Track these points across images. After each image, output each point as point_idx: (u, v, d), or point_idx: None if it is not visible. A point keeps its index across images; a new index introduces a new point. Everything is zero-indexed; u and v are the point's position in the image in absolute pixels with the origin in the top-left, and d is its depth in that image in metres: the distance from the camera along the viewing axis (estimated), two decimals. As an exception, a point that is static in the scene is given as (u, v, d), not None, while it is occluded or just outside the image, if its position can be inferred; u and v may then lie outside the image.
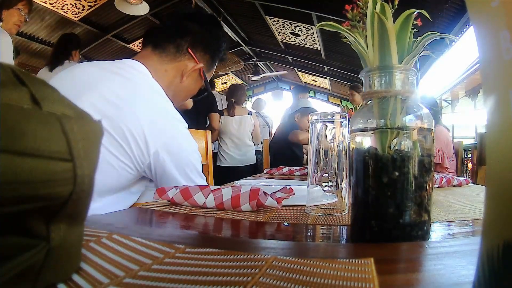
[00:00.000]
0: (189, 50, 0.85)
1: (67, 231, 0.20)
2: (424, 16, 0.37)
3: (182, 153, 0.78)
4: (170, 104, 0.80)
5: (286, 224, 0.45)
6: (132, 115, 0.71)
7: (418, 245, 0.32)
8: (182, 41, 0.84)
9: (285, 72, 6.71)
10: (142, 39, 0.92)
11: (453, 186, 0.91)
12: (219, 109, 3.00)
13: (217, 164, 2.92)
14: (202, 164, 1.48)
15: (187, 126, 0.81)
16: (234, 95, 3.07)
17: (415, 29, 0.36)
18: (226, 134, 2.93)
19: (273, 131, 4.35)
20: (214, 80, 4.78)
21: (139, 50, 0.93)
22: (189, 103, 2.67)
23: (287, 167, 1.31)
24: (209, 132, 1.52)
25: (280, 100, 7.77)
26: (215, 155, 2.90)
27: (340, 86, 6.63)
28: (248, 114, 3.04)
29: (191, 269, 0.24)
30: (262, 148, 3.04)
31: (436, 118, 2.46)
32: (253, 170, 2.87)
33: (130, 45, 4.67)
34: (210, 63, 0.90)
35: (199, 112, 2.64)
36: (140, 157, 0.71)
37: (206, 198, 0.54)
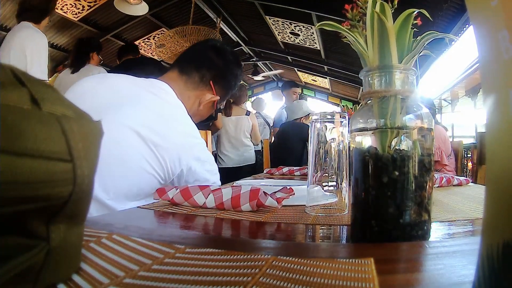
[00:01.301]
0: (211, 83, 0.94)
1: (67, 232, 0.20)
2: (424, 16, 0.36)
3: (207, 158, 0.87)
4: (194, 125, 0.88)
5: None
6: (169, 133, 0.78)
7: (418, 245, 0.32)
8: (207, 72, 0.93)
9: (281, 70, 6.72)
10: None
11: (453, 185, 0.91)
12: (221, 111, 3.00)
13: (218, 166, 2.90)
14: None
15: (195, 126, 0.89)
16: (233, 95, 3.06)
17: (415, 29, 0.36)
18: (223, 135, 2.92)
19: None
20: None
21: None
22: (220, 123, 2.75)
23: (287, 167, 1.30)
24: (209, 133, 1.52)
25: (280, 100, 7.76)
26: (214, 156, 2.90)
27: (340, 86, 6.63)
28: (246, 114, 3.03)
29: (191, 269, 0.24)
30: (262, 148, 3.03)
31: (433, 117, 2.46)
32: (252, 170, 2.86)
33: (130, 45, 4.66)
34: (223, 97, 1.00)
35: None
36: (172, 168, 0.78)
37: (206, 198, 0.54)
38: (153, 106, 0.79)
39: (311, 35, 4.56)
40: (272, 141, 3.08)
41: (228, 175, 2.67)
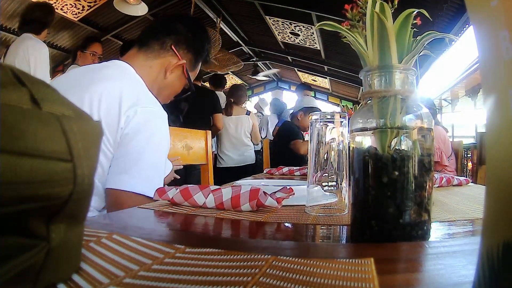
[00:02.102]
0: (173, 47, 0.89)
1: (67, 231, 0.20)
2: (424, 16, 0.36)
3: (156, 133, 0.79)
4: (149, 92, 0.83)
5: (287, 224, 0.45)
6: (109, 86, 0.75)
7: (418, 245, 0.32)
8: (166, 38, 0.89)
9: (278, 70, 6.75)
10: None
11: (453, 185, 0.91)
12: (222, 111, 3.00)
13: (217, 166, 2.92)
14: (202, 164, 1.48)
15: (165, 114, 0.83)
16: (234, 95, 3.07)
17: (414, 29, 0.36)
18: (223, 135, 2.93)
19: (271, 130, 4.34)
20: (225, 76, 4.77)
21: None
22: (220, 124, 2.72)
23: (287, 167, 1.30)
24: (209, 132, 1.52)
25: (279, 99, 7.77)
26: (214, 156, 2.90)
27: (340, 85, 6.63)
28: (246, 113, 3.04)
29: (191, 269, 0.24)
30: (262, 148, 3.04)
31: (433, 118, 2.46)
32: (252, 170, 2.86)
33: (130, 45, 4.66)
34: (193, 63, 0.95)
35: (203, 113, 2.64)
36: (112, 119, 0.74)
37: (206, 198, 0.54)
38: (95, 79, 0.78)
39: (311, 35, 4.56)
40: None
41: (228, 175, 2.67)
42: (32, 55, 1.92)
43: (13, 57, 1.91)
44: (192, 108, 2.42)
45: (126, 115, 0.74)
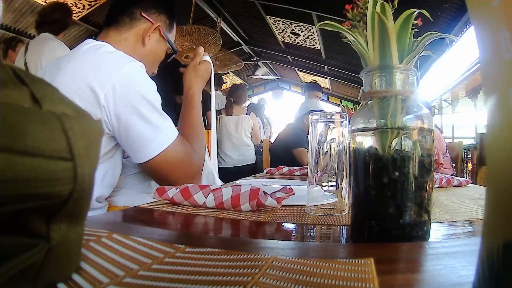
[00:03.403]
0: (142, 14, 0.88)
1: (67, 230, 0.20)
2: (425, 16, 0.36)
3: (133, 88, 0.75)
4: (118, 51, 0.79)
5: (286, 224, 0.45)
6: (71, 71, 0.73)
7: (418, 245, 0.32)
8: (133, 8, 0.88)
9: (266, 69, 6.77)
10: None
11: (453, 186, 0.91)
12: (218, 109, 3.00)
13: (218, 166, 2.90)
14: (202, 164, 1.48)
15: (139, 65, 0.79)
16: (234, 94, 3.06)
17: (415, 29, 0.36)
18: (224, 135, 2.92)
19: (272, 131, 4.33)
20: (223, 76, 4.76)
21: None
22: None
23: (287, 167, 1.30)
24: (210, 132, 1.52)
25: (279, 99, 7.78)
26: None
27: (340, 86, 6.62)
28: (247, 113, 3.03)
29: (191, 268, 0.24)
30: (262, 148, 3.03)
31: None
32: (253, 170, 2.86)
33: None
34: (168, 24, 0.94)
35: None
36: (93, 103, 0.72)
37: (206, 198, 0.54)
38: (73, 65, 0.76)
39: (312, 35, 4.56)
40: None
41: (229, 175, 2.67)
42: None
43: (38, 56, 1.92)
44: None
45: (104, 92, 0.72)
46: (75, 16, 3.79)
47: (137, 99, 0.75)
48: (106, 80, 0.72)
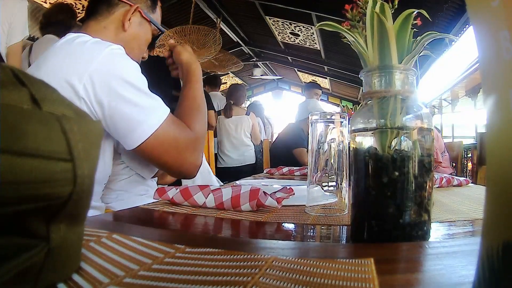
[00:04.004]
0: None
1: (67, 231, 0.20)
2: (424, 16, 0.36)
3: (112, 72, 0.72)
4: (94, 38, 0.76)
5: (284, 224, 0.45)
6: (49, 68, 0.70)
7: (418, 245, 0.32)
8: None
9: (272, 77, 6.77)
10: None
11: (453, 186, 0.91)
12: (218, 109, 3.00)
13: (217, 166, 2.92)
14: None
15: (121, 49, 0.76)
16: (233, 96, 3.06)
17: (414, 29, 0.36)
18: (224, 135, 2.93)
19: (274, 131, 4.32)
20: (221, 77, 4.76)
21: None
22: (213, 120, 2.63)
23: (287, 167, 1.30)
24: (211, 133, 1.52)
25: (279, 99, 7.78)
26: (215, 156, 2.90)
27: (340, 86, 6.63)
28: (246, 113, 3.04)
29: (191, 269, 0.24)
30: (262, 148, 3.03)
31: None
32: (252, 170, 2.86)
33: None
34: (150, 4, 0.89)
35: None
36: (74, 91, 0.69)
37: (206, 198, 0.54)
38: (53, 58, 0.74)
39: (311, 35, 4.56)
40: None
41: (228, 175, 2.67)
42: None
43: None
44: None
45: (82, 83, 0.69)
46: (74, 17, 3.79)
47: (118, 82, 0.71)
48: (83, 71, 0.69)
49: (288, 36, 4.80)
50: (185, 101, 0.87)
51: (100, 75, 0.70)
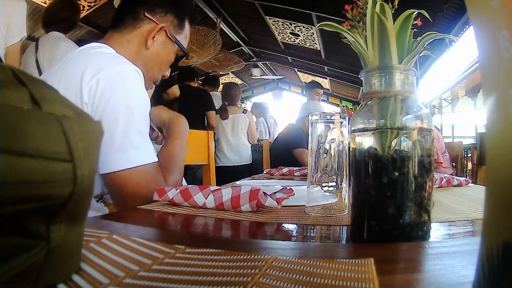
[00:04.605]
0: (146, 14, 0.81)
1: (67, 232, 0.20)
2: (424, 16, 0.37)
3: (128, 94, 0.70)
4: (117, 54, 0.75)
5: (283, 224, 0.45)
6: (72, 67, 0.69)
7: (418, 245, 0.32)
8: (137, 8, 0.82)
9: (272, 77, 6.78)
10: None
11: (453, 186, 0.91)
12: (215, 109, 3.00)
13: (215, 165, 2.92)
14: (204, 164, 1.48)
15: (135, 70, 0.74)
16: (227, 96, 3.07)
17: (415, 29, 0.36)
18: (220, 134, 2.94)
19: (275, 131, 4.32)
20: (221, 77, 4.76)
21: None
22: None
23: (287, 167, 1.30)
24: (211, 133, 1.52)
25: (279, 100, 7.78)
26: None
27: (340, 86, 6.63)
28: (243, 112, 3.04)
29: (191, 269, 0.24)
30: (258, 148, 3.03)
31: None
32: (249, 169, 2.86)
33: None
34: (177, 24, 0.86)
35: (196, 112, 2.64)
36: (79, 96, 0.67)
37: (206, 199, 0.54)
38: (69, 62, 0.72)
39: (311, 36, 4.56)
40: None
41: (225, 174, 2.68)
42: None
43: (51, 57, 1.91)
44: (183, 108, 2.42)
45: (88, 86, 0.66)
46: (74, 17, 3.80)
47: (122, 106, 0.68)
48: (93, 74, 0.67)
49: (288, 36, 4.80)
50: (164, 154, 0.83)
51: (106, 86, 0.67)
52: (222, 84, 4.02)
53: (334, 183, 0.52)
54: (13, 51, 1.72)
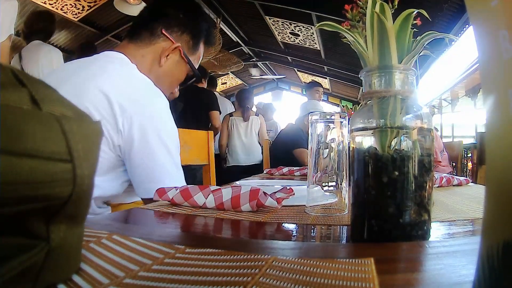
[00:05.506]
0: (163, 31, 0.83)
1: (67, 232, 0.20)
2: (424, 16, 0.36)
3: (162, 125, 0.75)
4: (147, 79, 0.78)
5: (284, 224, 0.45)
6: (95, 89, 0.70)
7: (418, 245, 0.32)
8: (155, 24, 0.83)
9: (272, 77, 6.79)
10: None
11: (453, 185, 0.91)
12: (219, 109, 3.02)
13: (226, 165, 3.05)
14: (204, 165, 1.48)
15: (167, 102, 0.79)
16: (248, 100, 3.18)
17: (414, 29, 0.36)
18: (234, 134, 3.05)
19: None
20: (221, 77, 4.77)
21: None
22: (217, 122, 2.72)
23: (287, 167, 1.30)
24: (211, 133, 1.52)
25: (279, 100, 7.78)
26: (216, 156, 2.91)
27: (340, 86, 6.63)
28: (255, 114, 3.18)
29: (191, 269, 0.24)
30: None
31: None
32: (259, 169, 2.91)
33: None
34: (192, 45, 0.88)
35: (199, 112, 2.64)
36: (109, 131, 0.70)
37: (206, 199, 0.54)
38: (87, 71, 0.74)
39: (311, 35, 4.56)
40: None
41: (237, 174, 2.73)
42: (54, 58, 2.12)
43: (35, 61, 2.06)
44: (187, 107, 2.42)
45: (122, 118, 0.71)
46: (74, 17, 3.80)
47: (158, 143, 0.74)
48: (126, 107, 0.70)
49: (288, 36, 4.80)
50: None
51: (141, 125, 0.72)
52: (229, 84, 4.05)
53: (334, 183, 0.52)
54: (3, 48, 1.74)
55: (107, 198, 0.80)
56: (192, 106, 2.52)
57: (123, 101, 0.71)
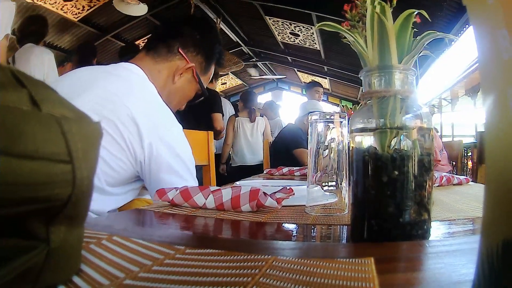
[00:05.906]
0: (180, 50, 0.86)
1: (67, 233, 0.20)
2: (424, 16, 0.37)
3: (178, 149, 0.79)
4: (165, 105, 0.82)
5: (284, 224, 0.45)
6: (125, 109, 0.72)
7: (418, 244, 0.32)
8: (173, 41, 0.86)
9: (272, 77, 6.80)
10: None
11: (453, 184, 0.91)
12: (222, 112, 3.03)
13: (231, 165, 3.11)
14: (203, 165, 1.48)
15: (182, 128, 0.83)
16: (250, 101, 3.22)
17: (414, 29, 0.36)
18: (241, 135, 3.08)
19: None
20: (220, 77, 4.79)
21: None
22: (220, 125, 2.75)
23: (287, 167, 1.30)
24: (211, 133, 1.51)
25: (279, 100, 7.79)
26: (217, 156, 2.91)
27: (340, 86, 6.64)
28: (260, 115, 3.23)
29: (191, 270, 0.24)
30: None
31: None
32: (261, 168, 2.92)
33: (130, 46, 4.65)
34: (204, 65, 0.91)
35: (200, 112, 2.63)
36: (134, 149, 0.73)
37: (206, 199, 0.54)
38: (108, 86, 0.76)
39: (311, 36, 4.57)
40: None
41: (241, 172, 2.78)
42: (44, 60, 2.15)
43: (26, 64, 2.09)
44: (189, 108, 2.42)
45: (146, 139, 0.74)
46: (74, 17, 3.80)
47: (176, 160, 0.77)
48: (147, 133, 0.73)
49: (288, 36, 4.80)
50: None
51: (162, 152, 0.75)
52: (229, 84, 4.07)
53: (334, 183, 0.52)
54: (0, 47, 1.76)
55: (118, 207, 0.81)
56: (194, 106, 2.51)
57: (147, 126, 0.74)
